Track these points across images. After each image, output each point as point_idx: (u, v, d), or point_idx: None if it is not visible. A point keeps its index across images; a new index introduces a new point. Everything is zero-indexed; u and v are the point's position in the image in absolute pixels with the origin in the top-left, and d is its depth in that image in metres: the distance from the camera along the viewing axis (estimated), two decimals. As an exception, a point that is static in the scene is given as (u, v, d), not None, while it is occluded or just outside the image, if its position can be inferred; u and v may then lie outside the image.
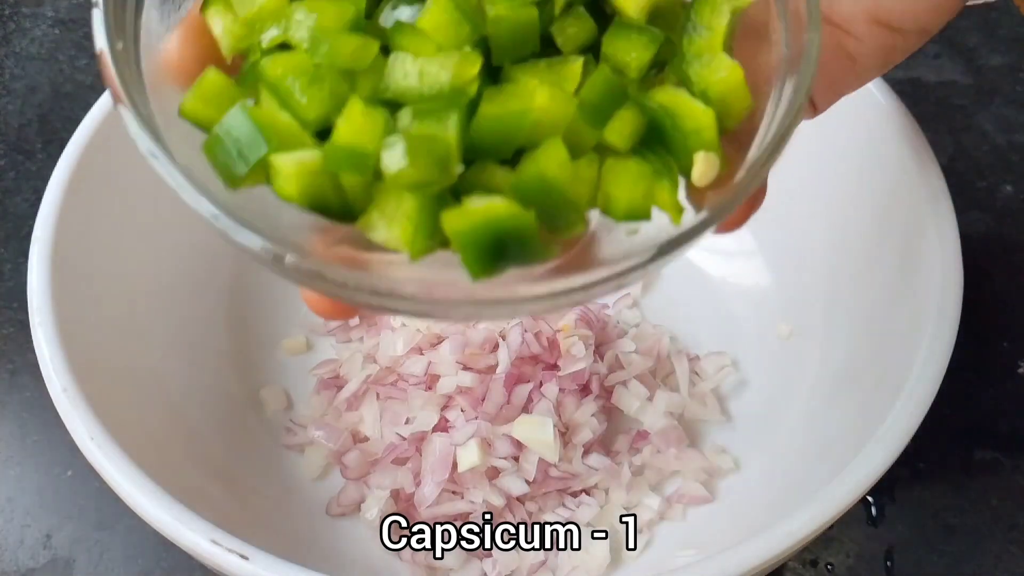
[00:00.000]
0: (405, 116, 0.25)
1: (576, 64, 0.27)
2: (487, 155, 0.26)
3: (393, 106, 0.26)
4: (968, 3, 0.36)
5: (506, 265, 0.25)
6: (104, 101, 0.47)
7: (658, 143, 0.27)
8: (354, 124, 0.25)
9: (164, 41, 0.28)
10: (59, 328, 0.41)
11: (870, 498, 0.50)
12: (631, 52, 0.28)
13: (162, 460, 0.41)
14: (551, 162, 0.25)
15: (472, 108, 0.26)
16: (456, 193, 0.25)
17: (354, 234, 0.26)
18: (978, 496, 0.50)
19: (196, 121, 0.26)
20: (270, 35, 0.27)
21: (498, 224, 0.24)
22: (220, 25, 0.27)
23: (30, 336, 0.41)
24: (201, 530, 0.36)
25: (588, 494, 0.49)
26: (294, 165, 0.25)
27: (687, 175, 0.27)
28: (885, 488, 0.50)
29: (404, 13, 0.27)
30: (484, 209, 0.24)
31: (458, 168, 0.25)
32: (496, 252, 0.25)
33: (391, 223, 0.25)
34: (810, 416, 0.49)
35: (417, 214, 0.25)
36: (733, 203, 0.26)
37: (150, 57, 0.28)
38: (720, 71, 0.27)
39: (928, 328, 0.41)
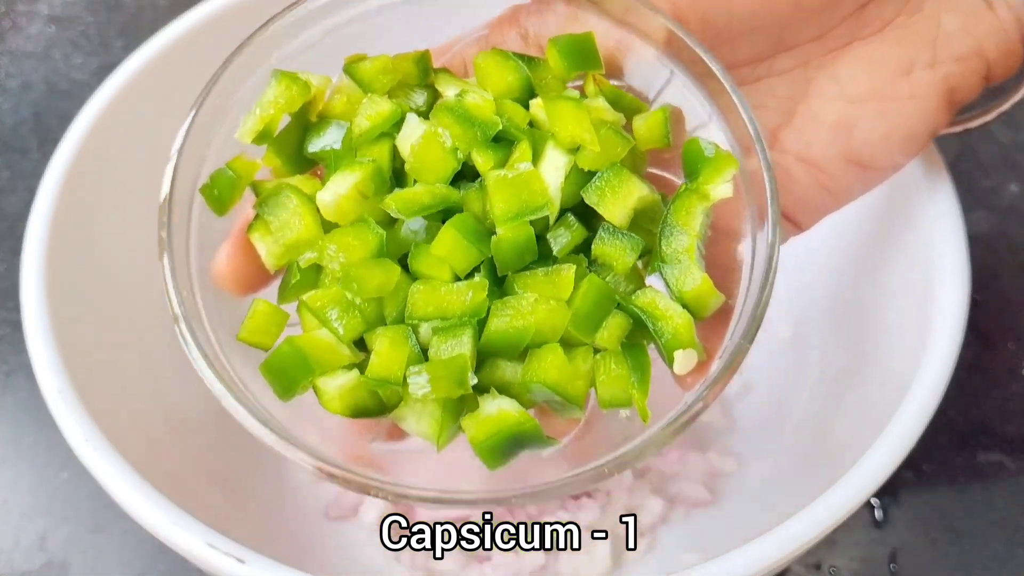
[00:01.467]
0: (426, 331, 0.31)
1: (569, 273, 0.31)
2: (497, 356, 0.31)
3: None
4: (944, 132, 0.38)
5: (516, 455, 0.30)
6: (98, 99, 0.47)
7: (643, 332, 0.32)
8: (384, 358, 0.30)
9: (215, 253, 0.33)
10: (53, 329, 0.41)
11: (874, 501, 0.50)
12: (617, 258, 0.32)
13: (158, 462, 0.41)
14: (551, 367, 0.30)
15: (482, 320, 0.30)
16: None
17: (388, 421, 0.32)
18: (983, 499, 0.50)
19: (252, 345, 0.32)
20: (307, 257, 0.32)
21: (509, 429, 0.30)
22: (264, 248, 0.33)
23: (24, 337, 0.41)
24: (197, 533, 0.36)
25: (590, 497, 0.48)
26: (336, 389, 0.31)
27: (670, 365, 0.31)
28: (889, 491, 0.50)
29: (416, 224, 0.32)
30: (496, 419, 0.30)
31: (472, 380, 0.30)
32: (508, 449, 0.30)
33: (419, 420, 0.31)
34: (813, 418, 0.48)
35: (441, 415, 0.31)
36: (707, 401, 0.30)
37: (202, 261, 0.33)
38: (691, 282, 0.31)
39: (934, 329, 0.40)
